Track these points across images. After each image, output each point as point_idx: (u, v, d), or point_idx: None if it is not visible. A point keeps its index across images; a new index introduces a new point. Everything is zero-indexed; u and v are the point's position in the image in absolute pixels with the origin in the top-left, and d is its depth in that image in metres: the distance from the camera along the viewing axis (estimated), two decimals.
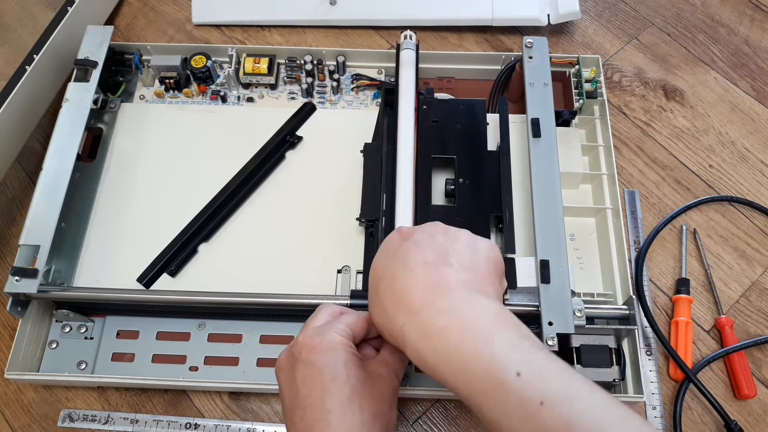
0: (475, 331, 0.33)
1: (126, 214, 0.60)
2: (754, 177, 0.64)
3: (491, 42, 0.73)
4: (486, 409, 0.32)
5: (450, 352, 0.33)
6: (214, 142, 0.63)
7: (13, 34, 0.73)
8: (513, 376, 0.31)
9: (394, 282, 0.37)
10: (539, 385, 0.31)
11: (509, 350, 0.32)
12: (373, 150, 0.58)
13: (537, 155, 0.55)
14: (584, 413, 0.30)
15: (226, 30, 0.75)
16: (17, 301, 0.51)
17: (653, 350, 0.55)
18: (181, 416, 0.53)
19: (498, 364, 0.31)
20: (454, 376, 0.33)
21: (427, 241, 0.39)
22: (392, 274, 0.37)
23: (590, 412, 0.30)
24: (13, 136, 0.61)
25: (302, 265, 0.57)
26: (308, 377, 0.38)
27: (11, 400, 0.54)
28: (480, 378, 0.32)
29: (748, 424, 0.52)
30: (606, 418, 0.30)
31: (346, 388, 0.37)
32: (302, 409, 0.37)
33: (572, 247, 0.58)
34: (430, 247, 0.38)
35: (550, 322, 0.47)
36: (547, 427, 0.29)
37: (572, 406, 0.30)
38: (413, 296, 0.35)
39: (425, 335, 0.34)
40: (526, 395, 0.30)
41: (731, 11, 0.75)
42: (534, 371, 0.31)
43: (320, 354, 0.38)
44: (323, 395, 0.37)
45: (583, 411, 0.30)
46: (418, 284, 0.36)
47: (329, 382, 0.37)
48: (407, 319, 0.35)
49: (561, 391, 0.30)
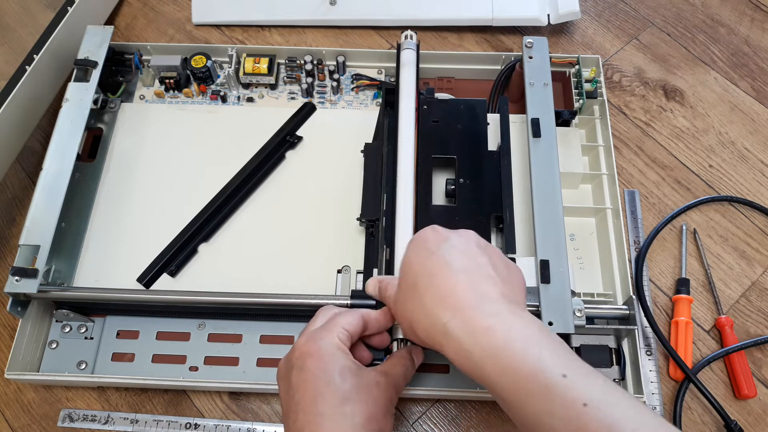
0: (523, 335, 0.34)
1: (126, 214, 0.60)
2: (754, 177, 0.64)
3: (491, 42, 0.73)
4: (529, 408, 0.32)
5: (497, 350, 0.34)
6: (214, 142, 0.63)
7: (13, 34, 0.73)
8: (559, 377, 0.32)
9: (436, 280, 0.38)
10: (584, 388, 0.32)
11: (554, 355, 0.33)
12: (374, 150, 0.58)
13: (537, 155, 0.55)
14: (626, 418, 0.31)
15: (226, 30, 0.75)
16: (17, 301, 0.51)
17: (653, 350, 0.55)
18: (181, 416, 0.53)
19: (545, 365, 0.32)
20: (499, 374, 0.33)
21: (467, 247, 0.40)
22: (432, 272, 0.38)
23: (631, 417, 0.31)
24: (13, 136, 0.61)
25: (302, 265, 0.57)
26: (302, 382, 0.39)
27: (11, 400, 0.54)
28: (525, 377, 0.32)
29: (748, 424, 0.52)
30: (646, 425, 0.31)
31: (339, 393, 0.38)
32: (296, 412, 0.38)
33: (572, 247, 0.58)
34: (470, 254, 0.39)
35: (550, 322, 0.47)
36: (589, 428, 0.31)
37: (614, 411, 0.31)
38: (460, 296, 0.36)
39: (472, 332, 0.35)
40: (570, 396, 0.31)
41: (731, 11, 0.75)
42: (579, 375, 0.32)
43: (315, 360, 0.39)
44: (316, 399, 0.38)
45: (625, 416, 0.31)
46: (463, 286, 0.37)
47: (323, 387, 0.38)
48: (453, 316, 0.36)
49: (604, 395, 0.32)
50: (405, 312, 0.39)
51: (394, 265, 0.49)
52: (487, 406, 0.53)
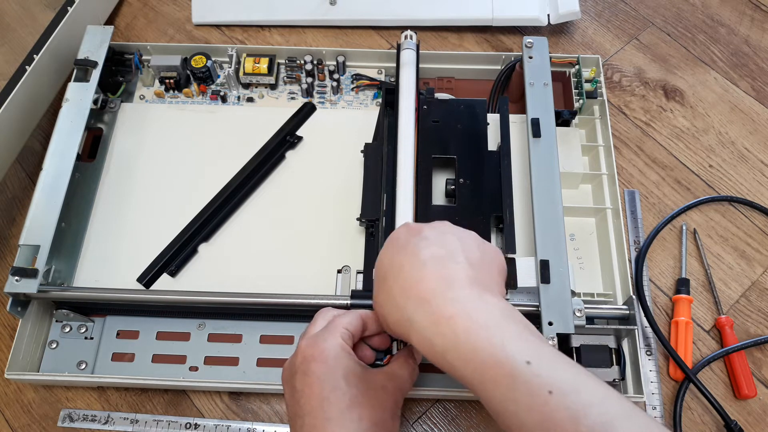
0: (486, 322, 0.33)
1: (126, 214, 0.60)
2: (754, 177, 0.64)
3: (491, 42, 0.73)
4: (493, 397, 0.32)
5: (459, 339, 0.33)
6: (214, 142, 0.63)
7: (13, 34, 0.73)
8: (523, 364, 0.31)
9: (403, 272, 0.37)
10: (548, 374, 0.31)
11: (518, 341, 0.32)
12: (374, 150, 0.58)
13: (537, 155, 0.55)
14: (592, 405, 0.30)
15: (226, 30, 0.75)
16: (17, 301, 0.51)
17: (653, 350, 0.55)
18: (181, 416, 0.53)
19: (508, 353, 0.32)
20: (462, 364, 0.33)
21: (437, 237, 0.39)
22: (401, 265, 0.38)
23: (598, 404, 0.30)
24: (13, 136, 0.61)
25: (302, 265, 0.57)
26: (308, 386, 0.38)
27: (11, 400, 0.54)
28: (489, 366, 0.32)
29: (748, 424, 0.52)
30: (613, 411, 0.30)
31: (346, 397, 0.38)
32: (302, 417, 0.38)
33: (572, 247, 0.58)
34: (440, 243, 0.39)
35: (550, 322, 0.47)
36: (555, 416, 0.30)
37: (580, 397, 0.30)
38: (423, 286, 0.36)
39: (434, 322, 0.34)
40: (535, 384, 0.31)
41: (731, 11, 0.75)
42: (543, 362, 0.31)
43: (320, 363, 0.39)
44: (322, 404, 0.37)
45: (591, 403, 0.30)
46: (428, 275, 0.36)
47: (329, 392, 0.38)
48: (416, 308, 0.35)
49: (569, 382, 0.31)
50: (378, 307, 0.39)
51: None
52: None
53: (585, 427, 0.29)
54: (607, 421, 0.29)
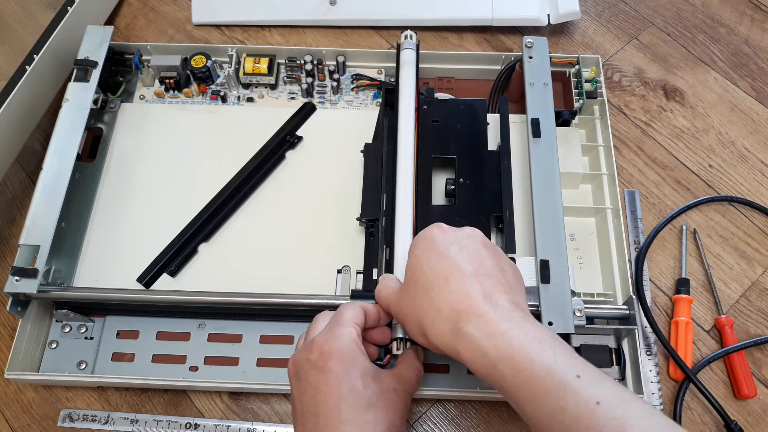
0: (537, 338, 0.35)
1: (126, 214, 0.60)
2: (754, 177, 0.64)
3: (491, 42, 0.73)
4: (542, 407, 0.33)
5: (513, 351, 0.35)
6: (214, 142, 0.63)
7: (13, 34, 0.73)
8: (574, 377, 0.33)
9: (449, 285, 0.38)
10: (597, 387, 0.33)
11: (568, 357, 0.35)
12: (374, 150, 0.58)
13: (537, 155, 0.55)
14: (637, 418, 0.31)
15: (226, 30, 0.75)
16: (17, 301, 0.51)
17: (653, 350, 0.55)
18: (181, 416, 0.53)
19: (559, 366, 0.34)
20: (514, 374, 0.34)
21: (476, 249, 0.41)
22: (446, 276, 0.39)
23: (643, 417, 0.32)
24: (13, 136, 0.61)
25: (302, 265, 0.57)
26: (324, 384, 0.38)
27: (11, 400, 0.54)
28: (540, 377, 0.33)
29: (748, 424, 0.52)
30: (656, 426, 0.32)
31: (363, 399, 0.38)
32: (315, 415, 0.37)
33: (572, 247, 0.58)
34: (479, 256, 0.40)
35: (550, 322, 0.47)
36: (602, 425, 0.31)
37: (626, 410, 0.32)
38: (475, 302, 0.37)
39: (489, 335, 0.36)
40: (584, 395, 0.32)
41: (731, 11, 0.75)
42: (592, 376, 0.34)
43: (337, 361, 0.38)
44: (339, 404, 0.37)
45: (636, 416, 0.32)
46: (477, 292, 0.38)
47: (347, 392, 0.37)
48: (468, 321, 0.36)
49: (616, 395, 0.33)
50: (414, 314, 0.39)
51: (393, 265, 0.49)
52: (487, 406, 0.53)
53: None
54: None
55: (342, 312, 0.42)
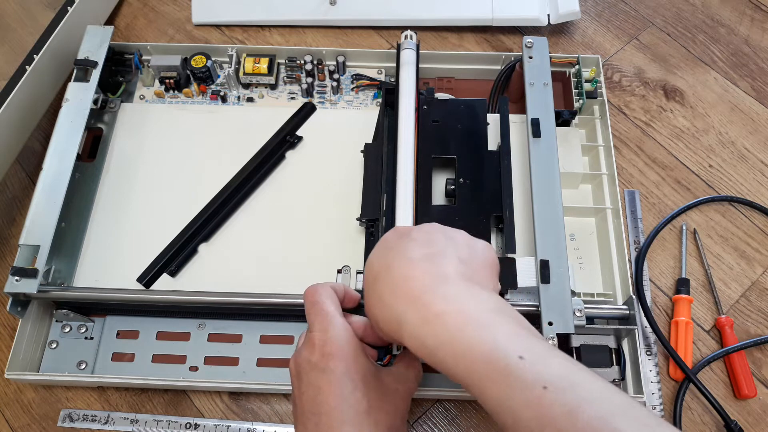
0: (477, 317, 0.33)
1: (126, 214, 0.60)
2: (754, 177, 0.64)
3: (491, 42, 0.73)
4: (488, 394, 0.31)
5: (451, 336, 0.32)
6: (214, 142, 0.63)
7: (13, 34, 0.73)
8: (516, 359, 0.31)
9: (392, 272, 0.37)
10: (542, 369, 0.30)
11: (511, 336, 0.32)
12: (374, 150, 0.58)
13: (537, 155, 0.55)
14: (588, 400, 0.29)
15: (226, 30, 0.75)
16: (17, 301, 0.51)
17: (653, 350, 0.55)
18: (181, 416, 0.53)
19: (500, 349, 0.31)
20: (454, 361, 0.32)
21: (425, 237, 0.39)
22: (389, 266, 0.37)
23: (594, 399, 0.29)
24: (13, 136, 0.61)
25: (302, 265, 0.57)
26: (326, 384, 0.37)
27: (11, 400, 0.54)
28: (482, 362, 0.31)
29: (748, 424, 0.52)
30: (610, 405, 0.29)
31: (364, 401, 0.37)
32: (317, 416, 0.37)
33: (572, 247, 0.58)
34: (428, 241, 0.38)
35: (550, 322, 0.47)
36: (551, 412, 0.29)
37: (576, 392, 0.29)
38: (412, 283, 0.35)
39: (425, 320, 0.34)
40: (529, 379, 0.30)
41: (731, 11, 0.75)
42: (536, 357, 0.31)
43: (340, 361, 0.38)
44: (341, 405, 0.37)
45: (587, 398, 0.29)
46: (417, 273, 0.36)
47: (349, 393, 0.37)
48: (406, 306, 0.35)
49: (564, 377, 0.30)
50: (368, 310, 0.39)
51: None
52: None
53: (582, 423, 0.28)
54: (604, 416, 0.28)
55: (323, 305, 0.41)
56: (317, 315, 0.41)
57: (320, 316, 0.40)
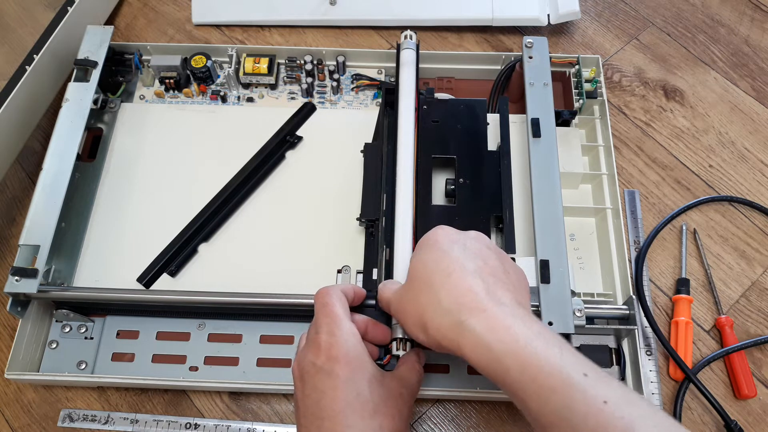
0: (542, 335, 0.35)
1: (126, 214, 0.60)
2: (754, 177, 0.64)
3: (491, 42, 0.73)
4: (549, 405, 0.33)
5: (519, 346, 0.34)
6: (214, 142, 0.63)
7: (13, 34, 0.73)
8: (581, 375, 0.33)
9: (452, 279, 0.38)
10: (604, 386, 0.32)
11: (574, 356, 0.34)
12: (374, 150, 0.58)
13: (537, 155, 0.55)
14: (644, 417, 0.31)
15: (226, 30, 0.75)
16: (17, 301, 0.51)
17: (653, 350, 0.55)
18: (181, 416, 0.53)
19: (567, 364, 0.33)
20: (520, 370, 0.34)
21: (479, 250, 0.40)
22: (448, 272, 0.38)
23: (648, 417, 0.31)
24: (13, 136, 0.61)
25: (302, 265, 0.57)
26: (331, 389, 0.38)
27: (11, 400, 0.54)
28: (547, 373, 0.33)
29: (748, 424, 0.52)
30: (662, 426, 0.31)
31: (369, 405, 0.37)
32: (320, 419, 0.37)
33: (572, 247, 0.58)
34: (483, 256, 0.40)
35: (550, 322, 0.47)
36: (610, 425, 0.31)
37: (633, 410, 0.32)
38: (478, 297, 0.37)
39: (493, 329, 0.35)
40: (591, 394, 0.32)
41: (731, 11, 0.75)
42: (598, 375, 0.33)
43: (345, 365, 0.38)
44: (345, 409, 0.37)
45: (643, 415, 0.31)
46: (479, 287, 0.37)
47: (353, 397, 0.37)
48: (471, 314, 0.36)
49: (622, 395, 0.32)
50: (415, 308, 0.39)
51: (393, 265, 0.49)
52: (487, 406, 0.53)
53: None
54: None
55: (333, 307, 0.41)
56: (326, 317, 0.41)
57: (329, 318, 0.40)
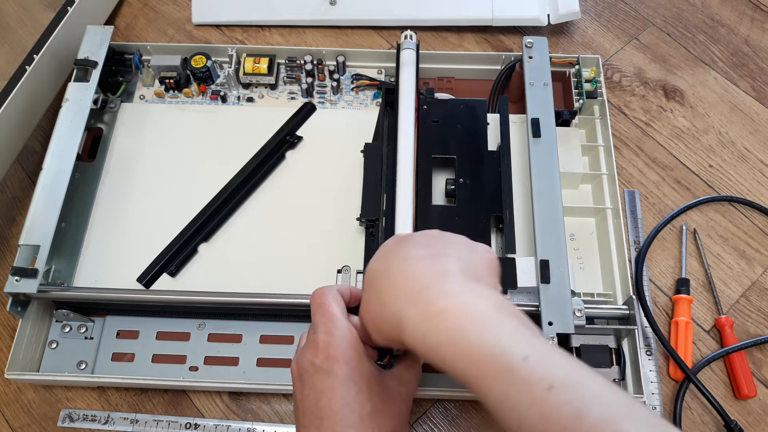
0: (480, 315, 0.32)
1: (126, 214, 0.60)
2: (754, 177, 0.64)
3: (491, 42, 0.73)
4: (491, 393, 0.30)
5: (453, 334, 0.32)
6: (214, 142, 0.63)
7: (13, 34, 0.73)
8: (520, 360, 0.30)
9: (391, 270, 0.36)
10: (547, 370, 0.30)
11: (514, 335, 0.31)
12: (374, 150, 0.58)
13: (537, 155, 0.55)
14: (594, 400, 0.29)
15: (226, 30, 0.75)
16: (17, 301, 0.51)
17: (653, 350, 0.55)
18: (181, 416, 0.53)
19: (504, 348, 0.30)
20: (456, 359, 0.32)
21: (426, 240, 0.39)
22: (388, 267, 0.37)
23: (600, 399, 0.29)
24: (13, 136, 0.61)
25: (302, 265, 0.57)
26: (330, 388, 0.37)
27: (11, 400, 0.54)
28: (485, 362, 0.30)
29: (748, 424, 0.52)
30: (616, 406, 0.29)
31: (368, 404, 0.37)
32: (319, 419, 0.37)
33: (572, 247, 0.58)
34: (429, 245, 0.38)
35: (550, 322, 0.47)
36: (556, 413, 0.28)
37: (581, 393, 0.29)
38: (412, 281, 0.35)
39: (426, 317, 0.33)
40: (534, 379, 0.29)
41: (731, 11, 0.75)
42: (540, 356, 0.30)
43: (344, 364, 0.38)
44: (344, 409, 0.36)
45: (593, 398, 0.29)
46: (417, 271, 0.35)
47: (352, 397, 0.37)
48: (406, 303, 0.34)
49: (569, 376, 0.30)
50: (366, 313, 0.38)
51: None
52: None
53: (588, 423, 0.28)
54: (611, 417, 0.28)
55: (330, 307, 0.40)
56: (323, 317, 0.40)
57: (325, 318, 0.40)
